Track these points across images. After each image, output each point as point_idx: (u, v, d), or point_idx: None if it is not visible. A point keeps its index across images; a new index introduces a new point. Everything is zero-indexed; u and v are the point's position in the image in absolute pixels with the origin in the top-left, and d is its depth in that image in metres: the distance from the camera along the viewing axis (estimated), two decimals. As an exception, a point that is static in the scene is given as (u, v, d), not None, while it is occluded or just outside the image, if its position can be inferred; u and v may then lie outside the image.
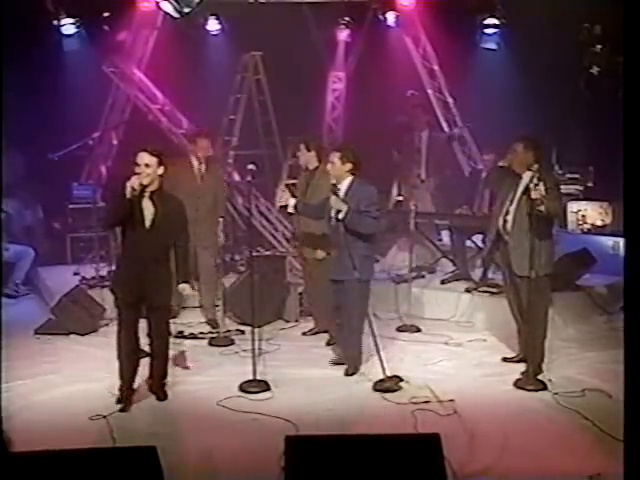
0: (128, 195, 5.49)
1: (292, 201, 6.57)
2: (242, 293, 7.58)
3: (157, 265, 5.74)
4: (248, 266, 8.35)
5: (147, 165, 5.59)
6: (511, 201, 6.31)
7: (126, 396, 5.80)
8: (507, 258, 6.38)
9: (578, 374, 6.40)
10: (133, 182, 5.51)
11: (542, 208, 5.92)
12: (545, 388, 6.08)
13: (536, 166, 6.12)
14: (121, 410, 5.68)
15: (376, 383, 6.13)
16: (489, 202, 8.25)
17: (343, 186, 6.29)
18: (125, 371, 5.83)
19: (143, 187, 5.58)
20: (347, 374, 6.46)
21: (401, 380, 6.16)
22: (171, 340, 6.70)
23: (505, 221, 6.35)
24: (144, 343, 7.13)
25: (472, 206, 8.66)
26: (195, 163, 7.75)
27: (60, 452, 3.55)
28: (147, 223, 5.66)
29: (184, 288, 5.95)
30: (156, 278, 5.73)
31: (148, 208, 5.66)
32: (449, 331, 7.70)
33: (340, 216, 6.12)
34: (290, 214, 6.74)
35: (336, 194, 6.19)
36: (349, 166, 6.29)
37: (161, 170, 5.68)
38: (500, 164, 6.49)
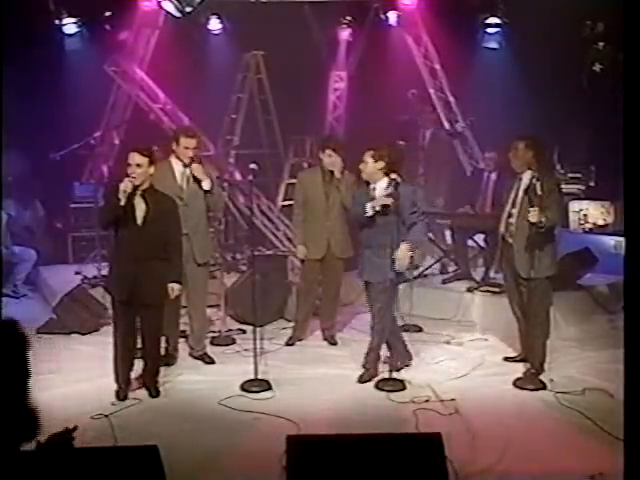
0: (120, 196, 5.63)
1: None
2: (244, 292, 7.58)
3: (149, 263, 5.81)
4: (250, 265, 8.33)
5: (138, 165, 5.72)
6: (513, 203, 6.22)
7: (123, 395, 5.92)
8: (510, 260, 6.31)
9: (579, 373, 6.40)
10: (126, 185, 5.66)
11: (535, 219, 5.89)
12: (545, 388, 6.07)
13: (535, 166, 6.11)
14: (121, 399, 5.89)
15: (379, 382, 6.15)
16: (491, 202, 8.25)
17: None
18: (120, 372, 5.94)
19: (135, 187, 5.72)
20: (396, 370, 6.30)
21: (404, 386, 6.15)
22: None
23: (508, 224, 6.27)
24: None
25: (474, 205, 8.65)
26: (177, 166, 6.58)
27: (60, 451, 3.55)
28: (139, 221, 5.78)
29: (173, 288, 5.94)
30: (148, 276, 5.80)
31: (140, 206, 5.78)
32: (451, 331, 7.69)
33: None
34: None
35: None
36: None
37: (152, 170, 5.83)
38: None
